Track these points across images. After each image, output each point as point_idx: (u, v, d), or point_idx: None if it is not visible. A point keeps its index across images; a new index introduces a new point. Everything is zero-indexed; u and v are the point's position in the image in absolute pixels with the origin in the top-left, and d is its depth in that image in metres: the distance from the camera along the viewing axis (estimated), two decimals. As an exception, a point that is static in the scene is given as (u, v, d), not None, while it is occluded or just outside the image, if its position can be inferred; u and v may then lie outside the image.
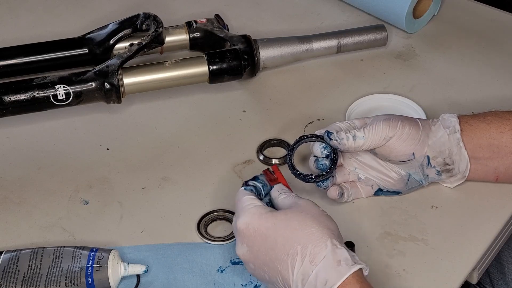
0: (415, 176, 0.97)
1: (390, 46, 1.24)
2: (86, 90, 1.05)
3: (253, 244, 0.85)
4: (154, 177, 1.04)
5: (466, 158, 0.96)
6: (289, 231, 0.83)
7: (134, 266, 0.90)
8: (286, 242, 0.83)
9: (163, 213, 1.00)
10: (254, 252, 0.85)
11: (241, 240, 0.86)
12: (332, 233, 0.83)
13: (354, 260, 0.81)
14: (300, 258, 0.82)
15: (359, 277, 0.81)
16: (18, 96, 1.04)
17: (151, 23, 1.12)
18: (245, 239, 0.86)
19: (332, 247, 0.81)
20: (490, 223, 0.97)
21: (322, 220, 0.84)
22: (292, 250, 0.82)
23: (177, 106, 1.15)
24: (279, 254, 0.83)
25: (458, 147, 0.96)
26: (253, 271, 0.87)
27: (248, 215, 0.86)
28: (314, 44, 1.19)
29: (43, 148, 1.09)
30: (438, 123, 0.97)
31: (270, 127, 1.11)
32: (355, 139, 0.94)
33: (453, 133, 0.96)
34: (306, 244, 0.82)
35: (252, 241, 0.85)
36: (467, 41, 1.25)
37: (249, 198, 0.88)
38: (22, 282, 0.87)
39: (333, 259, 0.81)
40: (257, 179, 0.92)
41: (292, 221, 0.84)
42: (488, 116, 0.98)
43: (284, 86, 1.18)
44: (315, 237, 0.82)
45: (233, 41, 1.15)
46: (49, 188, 1.03)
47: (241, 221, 0.86)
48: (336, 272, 0.80)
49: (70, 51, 1.14)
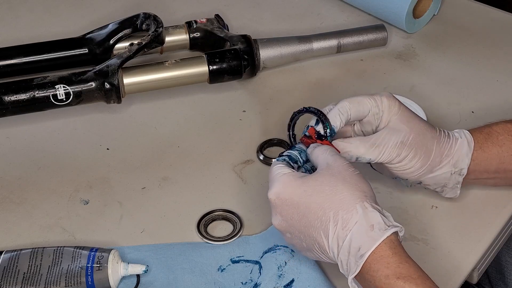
0: (402, 182, 0.97)
1: (390, 46, 1.24)
2: (86, 90, 1.05)
3: (286, 213, 0.84)
4: (154, 177, 1.04)
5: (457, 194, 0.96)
6: (321, 197, 0.82)
7: (134, 266, 0.90)
8: (318, 209, 0.82)
9: (163, 213, 1.00)
10: (288, 220, 0.85)
11: (274, 211, 0.86)
12: (365, 196, 0.82)
13: (387, 223, 0.80)
14: (333, 224, 0.81)
15: (392, 243, 0.80)
16: (18, 96, 1.04)
17: (151, 23, 1.12)
18: (278, 208, 0.85)
19: (364, 211, 0.80)
20: (490, 223, 0.97)
21: (354, 183, 0.83)
22: (325, 217, 0.81)
23: (177, 106, 1.15)
24: (312, 221, 0.82)
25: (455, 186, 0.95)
26: (290, 241, 0.87)
27: (277, 184, 0.85)
28: (314, 44, 1.19)
29: (43, 148, 1.09)
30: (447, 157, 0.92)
31: (270, 127, 1.11)
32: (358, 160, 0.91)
33: (458, 174, 0.94)
34: (338, 209, 0.81)
35: (285, 210, 0.85)
36: (467, 41, 1.25)
37: (278, 167, 0.87)
38: (22, 282, 0.87)
39: (366, 224, 0.80)
40: (294, 147, 0.91)
41: (323, 186, 0.83)
42: (501, 136, 0.94)
43: (284, 86, 1.18)
44: (346, 202, 0.81)
45: (233, 41, 1.15)
46: (49, 188, 1.03)
47: (271, 192, 0.85)
48: (369, 238, 0.79)
49: (70, 51, 1.14)
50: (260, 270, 0.92)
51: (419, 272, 0.79)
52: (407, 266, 0.79)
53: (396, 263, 0.79)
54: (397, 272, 0.79)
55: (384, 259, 0.79)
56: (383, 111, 0.92)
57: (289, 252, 0.91)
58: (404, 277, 0.78)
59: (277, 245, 0.92)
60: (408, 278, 0.78)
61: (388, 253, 0.79)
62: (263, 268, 0.91)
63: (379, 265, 0.79)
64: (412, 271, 0.79)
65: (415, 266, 0.80)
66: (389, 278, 0.79)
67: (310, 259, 0.90)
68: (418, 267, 0.80)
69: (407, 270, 0.79)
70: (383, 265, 0.79)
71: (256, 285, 0.90)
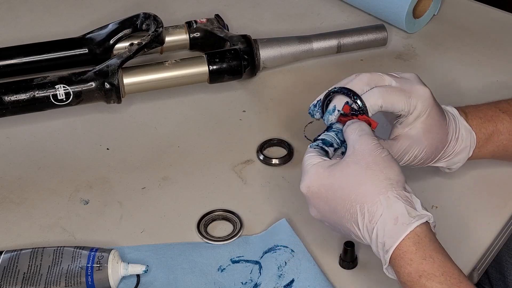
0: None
1: (390, 46, 1.24)
2: (86, 90, 1.05)
3: (318, 205, 0.85)
4: (154, 177, 1.04)
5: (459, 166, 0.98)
6: (346, 190, 0.82)
7: (134, 266, 0.90)
8: (345, 202, 0.82)
9: (163, 213, 1.00)
10: (322, 212, 0.85)
11: (309, 203, 0.86)
12: (390, 184, 0.81)
13: (412, 215, 0.79)
14: (360, 217, 0.81)
15: (417, 236, 0.79)
16: (18, 96, 1.04)
17: (151, 23, 1.12)
18: (311, 201, 0.86)
19: (388, 202, 0.80)
20: (490, 223, 0.97)
21: (378, 169, 0.82)
22: (353, 209, 0.81)
23: (177, 106, 1.15)
24: (342, 214, 0.82)
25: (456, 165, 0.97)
26: (331, 229, 0.87)
27: (306, 177, 0.85)
28: (314, 44, 1.19)
29: (43, 148, 1.09)
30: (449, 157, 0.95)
31: (270, 127, 1.11)
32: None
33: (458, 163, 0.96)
34: (363, 202, 0.81)
35: (317, 203, 0.85)
36: (467, 41, 1.25)
37: (309, 156, 0.86)
38: (22, 282, 0.87)
39: (390, 217, 0.79)
40: (330, 129, 0.89)
41: (348, 178, 0.82)
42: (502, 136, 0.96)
43: (284, 86, 1.18)
44: (370, 194, 0.81)
45: (233, 41, 1.15)
46: (49, 188, 1.03)
47: (302, 185, 0.85)
48: (392, 233, 0.79)
49: (70, 51, 1.14)
50: (260, 270, 0.92)
51: (444, 267, 0.78)
52: (431, 262, 0.78)
53: (420, 260, 0.78)
54: (420, 270, 0.78)
55: (407, 255, 0.78)
56: (411, 114, 0.90)
57: (289, 252, 0.91)
58: (427, 275, 0.77)
59: (277, 245, 0.92)
60: (431, 275, 0.77)
61: (412, 248, 0.78)
62: (263, 268, 0.91)
63: (402, 262, 0.79)
64: (436, 268, 0.78)
65: (441, 260, 0.78)
66: (412, 275, 0.78)
67: (310, 258, 0.90)
68: (444, 261, 0.78)
69: (431, 266, 0.78)
70: (406, 262, 0.78)
71: (256, 285, 0.90)
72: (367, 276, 0.91)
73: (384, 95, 0.89)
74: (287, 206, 1.00)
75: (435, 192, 1.00)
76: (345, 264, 0.92)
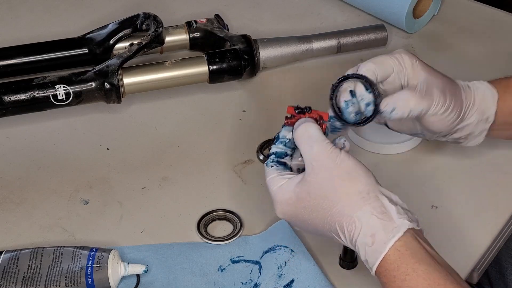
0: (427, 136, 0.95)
1: (390, 46, 1.24)
2: (86, 90, 1.05)
3: (300, 225, 0.85)
4: (154, 177, 1.04)
5: (480, 141, 0.94)
6: (322, 212, 0.80)
7: (134, 266, 0.90)
8: (324, 223, 0.81)
9: (163, 213, 1.00)
10: (306, 229, 0.85)
11: (290, 223, 0.87)
12: (362, 198, 0.78)
13: (389, 229, 0.77)
14: (342, 235, 0.80)
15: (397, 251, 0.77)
16: (18, 96, 1.04)
17: (151, 23, 1.12)
18: (291, 223, 0.86)
19: (363, 220, 0.78)
20: (490, 223, 0.97)
21: (345, 185, 0.79)
22: (333, 229, 0.80)
23: (177, 106, 1.15)
24: (325, 231, 0.82)
25: (480, 133, 0.93)
26: None
27: (277, 204, 0.84)
28: (314, 44, 1.19)
29: (43, 148, 1.09)
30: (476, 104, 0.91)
31: (270, 127, 1.11)
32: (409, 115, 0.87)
33: (484, 123, 0.92)
34: (341, 221, 0.79)
35: (297, 223, 0.85)
36: (467, 41, 1.25)
37: (270, 180, 0.84)
38: (22, 282, 0.87)
39: (368, 235, 0.78)
40: (277, 139, 0.87)
41: (318, 200, 0.80)
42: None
43: (284, 86, 1.18)
44: (345, 214, 0.79)
45: (233, 41, 1.15)
46: (49, 188, 1.03)
47: (277, 212, 0.85)
48: (371, 252, 0.78)
49: (70, 51, 1.14)
50: (260, 270, 0.92)
51: (429, 279, 0.76)
52: (415, 277, 0.76)
53: (403, 276, 0.76)
54: (403, 286, 0.76)
55: (389, 273, 0.77)
56: (406, 68, 0.89)
57: (289, 252, 0.91)
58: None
59: (277, 245, 0.92)
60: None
61: (393, 266, 0.77)
62: (263, 268, 0.91)
63: (386, 279, 0.78)
64: (420, 281, 0.76)
65: (424, 272, 0.76)
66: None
67: (310, 259, 0.90)
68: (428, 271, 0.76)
69: (415, 281, 0.76)
70: (390, 279, 0.77)
71: (256, 285, 0.90)
72: (367, 276, 0.91)
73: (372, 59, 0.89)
74: (287, 206, 0.99)
75: (435, 192, 1.00)
76: (345, 264, 0.92)
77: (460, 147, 0.97)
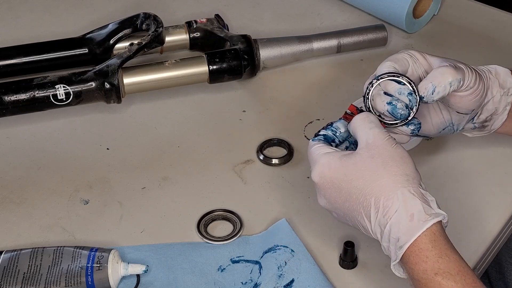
0: (455, 126, 0.94)
1: (390, 46, 1.24)
2: (86, 90, 1.05)
3: (329, 195, 0.84)
4: (154, 177, 1.04)
5: (505, 119, 0.94)
6: (361, 183, 0.80)
7: (134, 266, 0.90)
8: (359, 194, 0.81)
9: (163, 213, 1.00)
10: (332, 203, 0.84)
11: (319, 192, 0.85)
12: (407, 180, 0.80)
13: (428, 212, 0.78)
14: (374, 210, 0.80)
15: (433, 234, 0.78)
16: (18, 96, 1.04)
17: (151, 23, 1.12)
18: (322, 191, 0.84)
19: (404, 198, 0.78)
20: (489, 223, 0.97)
21: (395, 165, 0.81)
22: (366, 203, 0.80)
23: (177, 106, 1.15)
24: (354, 205, 0.81)
25: (504, 109, 0.93)
26: (337, 219, 0.86)
27: (318, 166, 0.84)
28: (314, 44, 1.19)
29: (43, 148, 1.09)
30: (493, 79, 0.92)
31: (270, 127, 1.11)
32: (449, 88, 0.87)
33: (506, 95, 0.92)
34: (379, 196, 0.79)
35: (328, 193, 0.84)
36: (467, 41, 1.25)
37: (317, 147, 0.85)
38: (22, 282, 0.87)
39: (405, 213, 0.78)
40: (330, 126, 0.88)
41: (363, 171, 0.81)
42: None
43: (284, 86, 1.18)
44: (387, 188, 0.79)
45: (233, 41, 1.15)
46: (49, 188, 1.03)
47: (314, 174, 0.84)
48: (408, 229, 0.78)
49: (70, 51, 1.14)
50: (260, 270, 0.92)
51: (459, 266, 0.77)
52: (447, 261, 0.77)
53: (435, 257, 0.77)
54: (435, 267, 0.77)
55: (422, 253, 0.78)
56: (418, 59, 0.90)
57: (289, 252, 0.91)
58: (443, 273, 0.77)
59: (277, 245, 0.92)
60: (446, 274, 0.77)
61: (428, 246, 0.78)
62: (263, 268, 0.91)
63: (417, 259, 0.78)
64: (452, 266, 0.77)
65: (456, 259, 0.78)
66: (427, 273, 0.77)
67: (310, 259, 0.90)
68: (459, 260, 0.78)
69: (446, 265, 0.77)
70: (421, 259, 0.78)
71: (256, 285, 0.90)
72: (367, 276, 0.91)
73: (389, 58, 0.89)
74: (287, 206, 1.00)
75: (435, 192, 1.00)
76: (345, 264, 0.92)
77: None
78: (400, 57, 0.90)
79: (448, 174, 1.03)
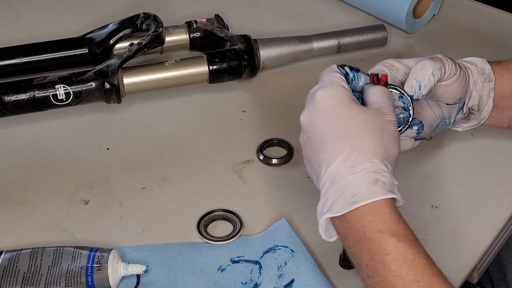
0: (447, 120, 0.95)
1: (390, 46, 1.24)
2: (86, 90, 1.05)
3: (318, 116, 0.83)
4: (154, 177, 1.04)
5: (491, 107, 0.95)
6: (354, 129, 0.80)
7: (134, 266, 0.90)
8: (343, 135, 0.80)
9: (163, 213, 1.00)
10: (313, 124, 0.82)
11: (310, 108, 0.83)
12: (387, 158, 0.80)
13: (391, 189, 0.78)
14: (342, 157, 0.79)
15: (392, 206, 0.78)
16: (18, 96, 1.04)
17: (151, 23, 1.12)
18: (314, 108, 0.83)
19: (377, 165, 0.78)
20: (490, 223, 0.97)
21: (387, 140, 0.81)
22: (340, 146, 0.79)
23: (177, 106, 1.15)
24: (330, 140, 0.81)
25: (488, 96, 0.94)
26: (302, 144, 0.85)
27: (332, 89, 0.83)
28: (314, 44, 1.19)
29: (43, 148, 1.09)
30: (472, 67, 0.94)
31: (270, 127, 1.11)
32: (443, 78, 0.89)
33: (487, 81, 0.93)
34: (356, 150, 0.79)
35: (320, 112, 0.83)
36: (467, 41, 1.25)
37: (341, 77, 0.85)
38: (22, 282, 0.87)
39: (372, 176, 0.78)
40: (355, 71, 0.88)
41: (360, 124, 0.80)
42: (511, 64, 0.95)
43: (284, 86, 1.18)
44: (369, 149, 0.79)
45: (233, 41, 1.15)
46: (49, 188, 1.03)
47: (323, 91, 0.83)
48: (369, 190, 0.77)
49: (70, 51, 1.14)
50: (260, 270, 0.92)
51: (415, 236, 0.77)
52: (404, 228, 0.77)
53: (394, 221, 0.77)
54: (393, 230, 0.76)
55: (381, 214, 0.77)
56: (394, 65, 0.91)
57: (289, 252, 0.91)
58: (399, 236, 0.76)
59: (277, 245, 0.92)
60: (403, 237, 0.76)
61: (387, 210, 0.77)
62: (263, 268, 0.91)
63: (374, 218, 0.77)
64: (409, 233, 0.77)
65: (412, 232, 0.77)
66: (383, 232, 0.76)
67: (310, 259, 0.90)
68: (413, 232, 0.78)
69: (404, 230, 0.77)
70: (379, 219, 0.77)
71: (256, 285, 0.90)
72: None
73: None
74: (287, 206, 1.00)
75: (435, 192, 1.00)
76: (345, 264, 0.92)
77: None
78: (375, 70, 0.91)
79: (448, 174, 1.03)
